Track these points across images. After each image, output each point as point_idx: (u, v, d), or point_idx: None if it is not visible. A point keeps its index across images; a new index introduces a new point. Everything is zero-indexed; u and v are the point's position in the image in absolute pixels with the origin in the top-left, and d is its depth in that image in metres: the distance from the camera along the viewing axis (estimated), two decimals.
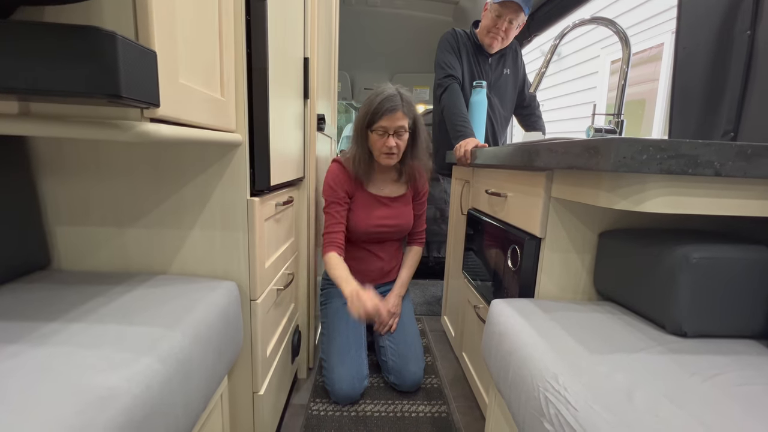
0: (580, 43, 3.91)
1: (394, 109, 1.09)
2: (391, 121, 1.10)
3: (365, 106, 1.14)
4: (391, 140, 1.12)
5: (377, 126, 1.11)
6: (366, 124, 1.14)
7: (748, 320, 0.59)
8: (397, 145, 1.14)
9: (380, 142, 1.13)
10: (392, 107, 1.09)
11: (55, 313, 0.55)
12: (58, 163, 0.73)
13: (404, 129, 1.13)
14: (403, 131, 1.13)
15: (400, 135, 1.13)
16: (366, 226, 1.23)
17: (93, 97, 0.34)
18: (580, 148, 0.57)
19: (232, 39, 0.66)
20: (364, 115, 1.14)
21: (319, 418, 1.08)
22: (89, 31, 0.34)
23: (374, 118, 1.11)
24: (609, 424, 0.40)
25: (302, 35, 1.09)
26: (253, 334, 0.80)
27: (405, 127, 1.13)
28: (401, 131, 1.13)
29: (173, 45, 0.47)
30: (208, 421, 0.68)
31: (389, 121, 1.10)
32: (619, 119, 1.09)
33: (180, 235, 0.76)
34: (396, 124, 1.10)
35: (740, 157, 0.52)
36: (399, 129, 1.12)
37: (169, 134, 0.47)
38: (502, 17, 1.39)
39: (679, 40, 0.91)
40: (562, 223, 0.76)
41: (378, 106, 1.09)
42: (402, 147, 1.15)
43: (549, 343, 0.57)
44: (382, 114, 1.09)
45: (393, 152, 1.14)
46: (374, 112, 1.10)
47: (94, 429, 0.36)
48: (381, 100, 1.10)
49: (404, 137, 1.15)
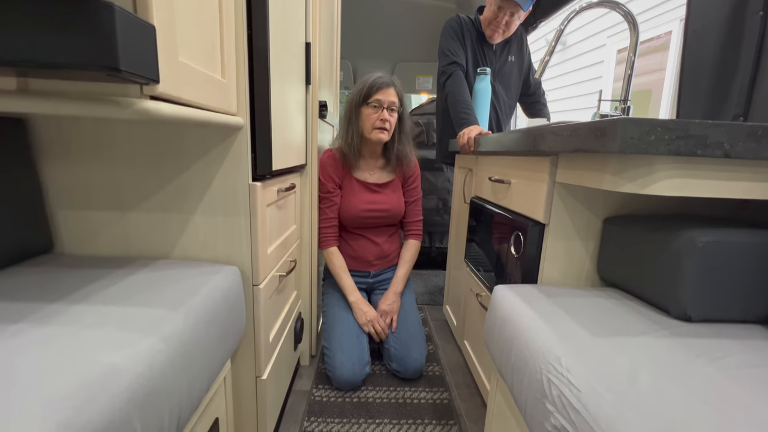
0: (586, 32, 3.85)
1: (388, 84, 1.20)
2: (385, 94, 1.19)
3: (358, 85, 1.23)
4: (385, 113, 1.20)
5: (373, 99, 1.19)
6: (361, 100, 1.21)
7: (754, 305, 0.59)
8: (390, 121, 1.21)
9: (375, 115, 1.20)
10: (386, 82, 1.20)
11: (58, 295, 0.55)
12: (59, 147, 0.72)
13: (396, 105, 1.21)
14: (395, 107, 1.21)
15: (393, 111, 1.21)
16: (356, 211, 1.28)
17: (91, 69, 0.34)
18: (586, 130, 0.56)
19: (232, 19, 0.65)
20: (358, 93, 1.22)
21: (322, 404, 1.09)
22: (86, 1, 0.33)
23: (370, 91, 1.19)
24: (611, 404, 0.40)
25: (304, 19, 1.07)
26: (256, 319, 0.80)
27: (396, 104, 1.21)
28: (393, 107, 1.21)
29: (172, 21, 0.46)
30: (212, 403, 0.68)
31: (384, 94, 1.19)
32: (626, 105, 1.07)
33: (182, 220, 0.76)
34: (390, 98, 1.20)
35: (751, 139, 0.51)
36: (392, 104, 1.20)
37: (170, 113, 0.46)
38: (503, 10, 1.37)
39: (688, 23, 0.89)
40: (566, 209, 0.76)
41: (373, 82, 1.20)
42: (393, 124, 1.23)
43: (552, 326, 0.57)
44: (378, 87, 1.19)
45: (386, 127, 1.21)
46: (370, 86, 1.20)
47: (97, 405, 0.37)
48: (375, 77, 1.20)
49: (395, 115, 1.23)
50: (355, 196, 1.28)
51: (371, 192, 1.30)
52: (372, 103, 1.19)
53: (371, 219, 1.30)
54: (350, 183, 1.29)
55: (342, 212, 1.29)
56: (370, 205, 1.29)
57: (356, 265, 1.34)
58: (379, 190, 1.31)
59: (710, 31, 0.83)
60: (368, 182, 1.30)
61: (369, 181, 1.31)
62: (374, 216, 1.30)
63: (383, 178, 1.33)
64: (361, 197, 1.29)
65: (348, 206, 1.28)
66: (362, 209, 1.28)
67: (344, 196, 1.29)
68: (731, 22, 0.78)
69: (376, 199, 1.30)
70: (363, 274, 1.35)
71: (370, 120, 1.20)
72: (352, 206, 1.28)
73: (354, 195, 1.28)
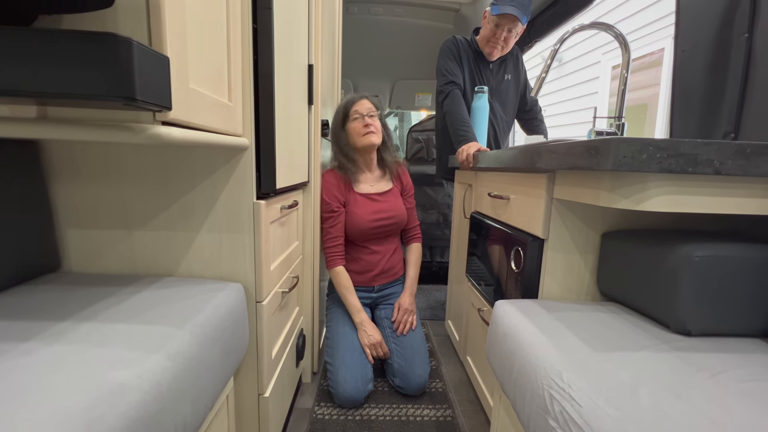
0: (582, 49, 3.94)
1: (361, 97, 1.31)
2: (361, 105, 1.29)
3: (336, 113, 1.33)
4: (368, 119, 1.27)
5: (352, 111, 1.28)
6: (342, 119, 1.30)
7: (752, 318, 0.59)
8: (374, 125, 1.27)
9: (359, 124, 1.27)
10: (359, 96, 1.31)
11: (66, 313, 0.56)
12: (69, 168, 0.75)
13: (374, 111, 1.30)
14: (374, 113, 1.30)
15: (373, 116, 1.29)
16: (365, 222, 1.30)
17: (110, 100, 0.36)
18: (581, 148, 0.58)
19: (239, 46, 0.68)
20: (338, 115, 1.31)
21: (324, 422, 1.08)
22: (106, 37, 0.35)
23: (347, 108, 1.29)
24: (613, 419, 0.41)
25: (306, 42, 1.11)
26: (259, 336, 0.81)
27: (374, 110, 1.30)
28: (372, 113, 1.29)
29: (184, 51, 0.49)
30: (215, 422, 0.68)
31: (360, 105, 1.29)
32: (620, 122, 1.10)
33: (187, 238, 0.78)
34: (367, 106, 1.29)
35: (740, 156, 0.52)
36: (370, 110, 1.29)
37: (180, 137, 0.48)
38: (501, 27, 1.42)
39: (678, 43, 0.92)
40: (564, 225, 0.77)
41: (347, 101, 1.31)
42: (379, 127, 1.30)
43: (553, 341, 0.57)
44: (353, 102, 1.29)
45: (372, 130, 1.27)
46: (345, 105, 1.30)
47: (105, 423, 0.37)
48: (347, 98, 1.32)
49: (377, 120, 1.30)
50: (361, 209, 1.30)
51: (375, 202, 1.33)
52: (353, 116, 1.27)
53: (378, 229, 1.33)
54: (354, 198, 1.31)
55: (349, 227, 1.30)
56: (376, 215, 1.32)
57: (361, 280, 1.34)
58: (382, 200, 1.35)
59: (699, 51, 0.86)
60: (371, 194, 1.34)
61: (371, 192, 1.34)
62: (381, 225, 1.33)
63: (383, 187, 1.37)
64: (366, 209, 1.31)
65: (355, 220, 1.29)
66: (369, 220, 1.30)
67: (350, 211, 1.31)
68: (718, 43, 0.82)
69: (381, 208, 1.33)
70: (367, 289, 1.36)
71: (356, 130, 1.27)
72: (359, 219, 1.29)
73: (359, 208, 1.30)
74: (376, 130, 1.28)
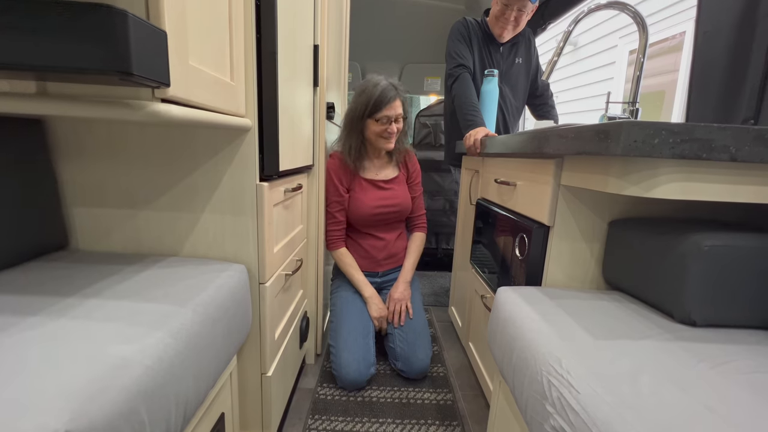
0: (598, 33, 3.80)
1: (395, 97, 1.21)
2: (393, 109, 1.21)
3: (363, 96, 1.22)
4: (393, 126, 1.23)
5: (381, 115, 1.21)
6: (367, 113, 1.22)
7: (760, 310, 0.58)
8: (397, 130, 1.25)
9: (381, 129, 1.23)
10: (393, 96, 1.20)
11: (72, 290, 0.57)
12: (75, 147, 0.75)
13: (402, 116, 1.24)
14: (401, 118, 1.24)
15: (399, 121, 1.25)
16: (368, 209, 1.30)
17: (105, 74, 0.35)
18: (591, 132, 0.56)
19: (241, 23, 0.67)
20: (363, 105, 1.22)
21: (326, 402, 1.10)
22: (101, 9, 0.34)
23: (377, 107, 1.20)
24: (611, 406, 0.40)
25: (312, 22, 1.08)
26: (262, 316, 0.82)
27: (402, 114, 1.24)
28: (400, 118, 1.24)
29: (183, 27, 0.48)
30: (218, 398, 0.70)
31: (392, 109, 1.21)
32: (635, 107, 1.06)
33: (191, 218, 0.78)
34: (398, 112, 1.22)
35: (758, 142, 0.50)
36: (399, 116, 1.23)
37: (180, 115, 0.48)
38: (510, 6, 1.37)
39: (699, 25, 0.88)
40: (571, 212, 0.76)
41: (380, 97, 1.19)
42: (400, 131, 1.27)
43: (554, 328, 0.57)
44: (386, 103, 1.19)
45: (392, 138, 1.26)
46: (377, 102, 1.19)
47: (107, 395, 0.38)
48: (381, 91, 1.19)
49: (401, 122, 1.26)
50: (366, 195, 1.30)
51: (381, 189, 1.33)
52: (381, 120, 1.21)
53: (383, 216, 1.33)
54: (359, 183, 1.31)
55: (353, 213, 1.31)
56: (381, 202, 1.31)
57: (365, 265, 1.35)
58: (388, 187, 1.34)
59: (721, 33, 0.82)
60: (376, 180, 1.33)
61: (377, 178, 1.33)
62: (386, 212, 1.32)
63: (389, 174, 1.36)
64: (371, 195, 1.31)
65: (359, 206, 1.29)
66: (374, 206, 1.30)
67: (354, 196, 1.30)
68: (742, 24, 0.77)
69: (386, 195, 1.33)
70: (371, 274, 1.37)
71: (376, 132, 1.24)
72: (363, 205, 1.29)
73: (364, 194, 1.30)
74: (395, 136, 1.26)
